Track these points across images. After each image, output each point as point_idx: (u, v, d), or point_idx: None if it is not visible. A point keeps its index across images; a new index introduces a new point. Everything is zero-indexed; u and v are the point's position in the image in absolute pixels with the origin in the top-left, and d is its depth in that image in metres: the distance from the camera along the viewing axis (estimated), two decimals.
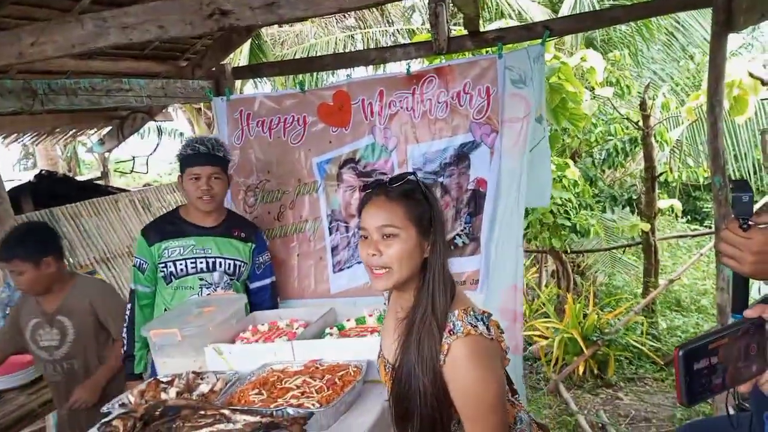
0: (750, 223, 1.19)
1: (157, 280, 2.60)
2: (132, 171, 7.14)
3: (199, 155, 2.48)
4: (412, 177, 1.42)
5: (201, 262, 2.56)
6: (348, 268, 3.02)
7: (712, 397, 0.86)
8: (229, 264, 2.61)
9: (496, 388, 1.33)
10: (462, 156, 2.80)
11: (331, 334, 2.27)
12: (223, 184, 2.55)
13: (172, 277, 2.56)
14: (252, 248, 2.68)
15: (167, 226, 2.59)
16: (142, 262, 2.57)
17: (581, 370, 4.59)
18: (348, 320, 2.37)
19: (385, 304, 1.58)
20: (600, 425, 3.88)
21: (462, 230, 2.78)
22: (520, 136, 2.67)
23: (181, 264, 2.55)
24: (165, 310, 2.56)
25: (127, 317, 2.59)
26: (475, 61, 2.76)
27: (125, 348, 2.57)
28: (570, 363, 4.61)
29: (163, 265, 2.55)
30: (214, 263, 2.58)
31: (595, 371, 4.64)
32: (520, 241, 2.70)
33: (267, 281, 2.76)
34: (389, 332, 1.50)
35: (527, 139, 2.65)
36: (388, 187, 1.41)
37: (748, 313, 0.87)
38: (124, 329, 2.58)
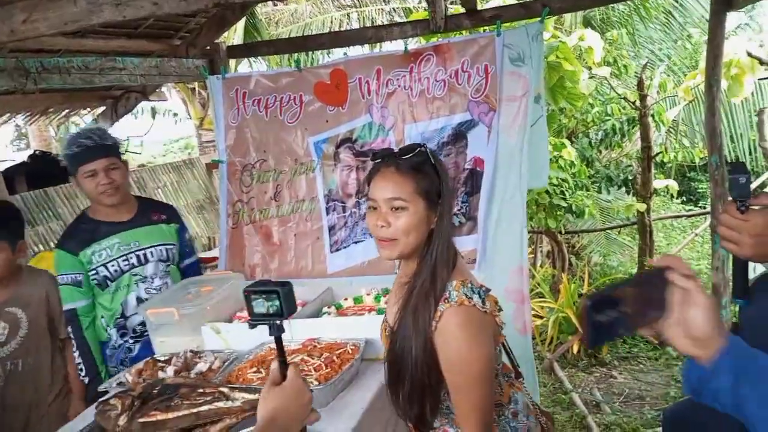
0: (748, 205, 1.18)
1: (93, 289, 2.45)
2: (126, 152, 7.08)
3: (89, 149, 2.33)
4: (422, 149, 1.42)
5: (132, 258, 2.47)
6: (345, 248, 3.02)
7: (614, 340, 0.92)
8: (161, 251, 2.55)
9: (484, 360, 1.35)
10: (459, 135, 2.78)
11: (328, 313, 2.28)
12: (122, 173, 2.43)
13: (108, 281, 2.44)
14: (177, 228, 2.64)
15: (84, 234, 2.44)
16: (75, 275, 2.39)
17: (575, 349, 4.63)
18: (345, 299, 2.38)
19: (395, 273, 1.61)
20: (594, 403, 3.93)
21: (459, 209, 2.77)
22: (518, 115, 2.65)
23: (113, 265, 2.44)
24: (102, 317, 2.47)
25: (74, 342, 2.41)
26: (474, 39, 2.73)
27: (84, 373, 2.41)
28: (564, 342, 4.65)
29: (94, 272, 2.41)
30: (145, 255, 2.50)
31: (589, 350, 4.67)
32: (524, 222, 2.69)
33: (195, 258, 2.77)
34: (393, 298, 1.53)
35: (526, 118, 2.63)
36: (398, 159, 1.41)
37: (653, 263, 0.91)
38: (77, 353, 2.41)
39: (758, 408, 0.86)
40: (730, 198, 1.23)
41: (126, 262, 2.46)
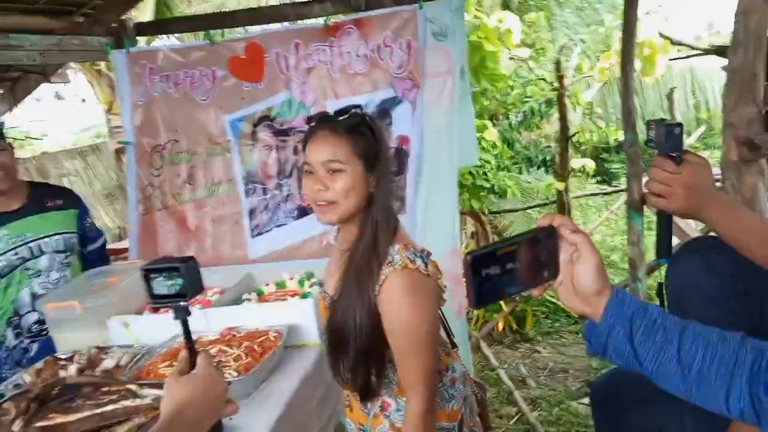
0: (682, 157, 1.18)
1: None
2: (26, 137, 6.61)
3: None
4: (357, 110, 1.40)
5: (23, 251, 2.25)
6: (267, 232, 2.88)
7: (503, 299, 0.91)
8: (58, 241, 2.34)
9: (428, 324, 1.35)
10: (383, 112, 2.70)
11: (249, 300, 2.16)
12: (9, 156, 2.22)
13: None
14: (76, 213, 2.44)
15: None
16: None
17: (501, 326, 4.70)
18: (267, 285, 2.27)
19: (334, 241, 1.55)
20: (520, 378, 3.99)
21: None
22: (443, 92, 2.59)
23: (1, 261, 2.21)
24: None
25: None
26: (396, 13, 2.64)
27: None
28: (490, 320, 4.71)
29: None
30: (39, 247, 2.29)
31: (514, 327, 4.76)
32: (456, 203, 2.64)
33: (101, 241, 2.60)
34: (333, 266, 1.50)
35: (453, 95, 2.58)
36: (333, 120, 1.38)
37: (540, 221, 0.89)
38: None
39: (653, 361, 0.86)
40: (657, 153, 1.22)
41: (16, 256, 2.24)
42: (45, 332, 2.27)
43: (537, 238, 0.86)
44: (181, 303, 1.06)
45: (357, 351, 1.37)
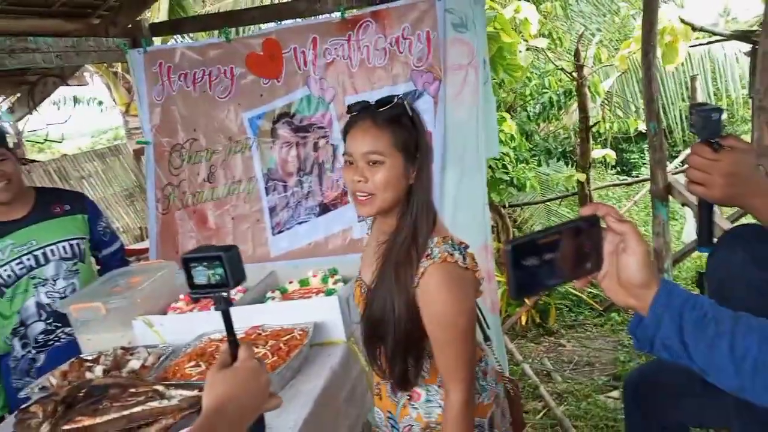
0: (721, 143, 1.13)
1: None
2: (46, 140, 6.68)
3: None
4: (399, 100, 1.37)
5: (28, 260, 2.23)
6: (288, 229, 2.87)
7: (545, 291, 0.87)
8: (65, 247, 2.30)
9: (467, 315, 1.34)
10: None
11: (273, 298, 2.14)
12: (12, 164, 2.20)
13: (3, 288, 2.20)
14: (86, 218, 2.40)
15: None
16: None
17: (524, 320, 4.65)
18: (291, 282, 2.24)
19: (367, 233, 1.57)
20: (545, 372, 3.95)
21: None
22: (465, 84, 2.55)
23: (6, 270, 2.19)
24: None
25: None
26: (414, 4, 2.60)
27: None
28: (513, 314, 4.66)
29: None
30: (44, 255, 2.26)
31: (537, 320, 4.71)
32: (485, 198, 2.60)
33: (117, 245, 2.55)
34: (369, 256, 1.48)
35: (477, 87, 2.54)
36: (374, 111, 1.36)
37: (583, 211, 0.85)
38: None
39: (704, 355, 0.83)
40: (698, 139, 1.17)
41: (21, 265, 2.21)
42: (51, 342, 2.27)
43: (580, 228, 0.83)
44: (223, 294, 1.02)
45: (395, 341, 1.36)
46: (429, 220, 1.38)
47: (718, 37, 5.49)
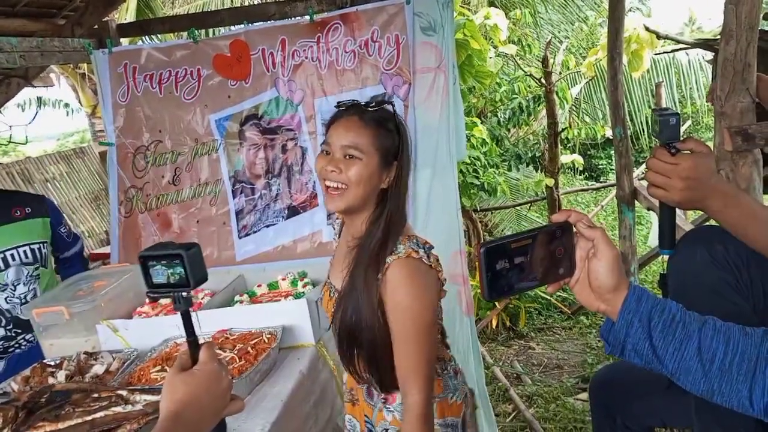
0: (678, 147, 1.15)
1: None
2: (9, 142, 6.50)
3: None
4: (388, 107, 1.42)
5: None
6: (255, 232, 2.83)
7: (517, 294, 0.90)
8: (25, 252, 2.26)
9: (428, 311, 1.34)
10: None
11: (241, 302, 2.11)
12: None
13: None
14: (48, 222, 2.36)
15: None
16: None
17: (494, 323, 4.69)
18: (259, 286, 2.22)
19: (335, 239, 1.60)
20: (515, 375, 3.98)
21: None
22: (434, 88, 2.56)
23: None
24: None
25: None
26: (383, 7, 2.61)
27: None
28: (483, 318, 4.69)
29: None
30: (4, 259, 2.21)
31: (508, 324, 4.75)
32: (458, 202, 2.60)
33: (77, 246, 2.51)
34: (339, 261, 1.49)
35: (446, 90, 2.55)
36: (363, 109, 1.39)
37: (555, 217, 0.88)
38: None
39: (673, 358, 0.84)
40: (658, 143, 1.19)
41: None
42: (12, 349, 2.21)
43: (552, 233, 0.85)
44: (183, 294, 0.98)
45: (373, 346, 1.36)
46: (400, 226, 1.39)
47: (682, 45, 5.64)
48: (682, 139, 1.17)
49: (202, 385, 0.96)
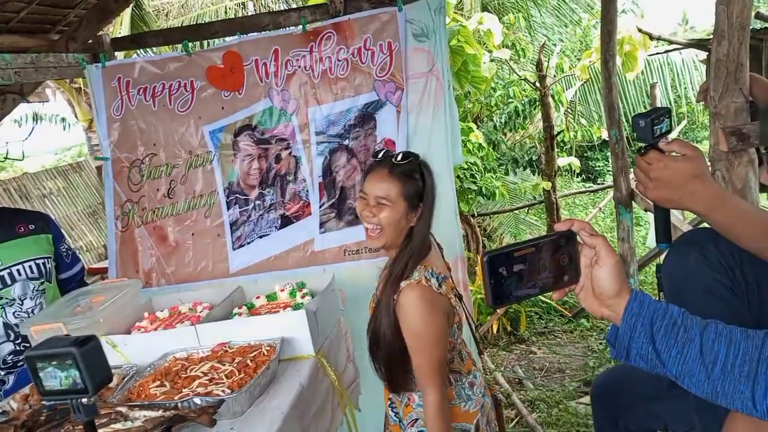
0: (647, 148, 1.20)
1: None
2: (6, 158, 6.50)
3: None
4: (415, 159, 1.68)
5: None
6: (249, 243, 2.81)
7: (520, 300, 0.95)
8: (31, 267, 2.26)
9: (437, 329, 1.59)
10: (367, 116, 2.66)
11: (240, 314, 2.10)
12: None
13: None
14: (51, 238, 2.36)
15: None
16: None
17: (495, 328, 4.67)
18: (258, 297, 2.21)
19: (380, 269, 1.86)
20: (517, 380, 3.96)
21: None
22: (426, 92, 2.57)
23: None
24: None
25: None
26: (375, 15, 2.61)
27: None
28: (484, 323, 4.68)
29: None
30: (10, 275, 2.20)
31: (508, 329, 4.74)
32: (456, 208, 2.60)
33: (78, 268, 2.49)
34: (383, 278, 1.77)
35: (439, 94, 2.55)
36: (392, 163, 1.66)
37: (558, 226, 0.90)
38: None
39: (676, 362, 0.85)
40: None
41: None
42: (21, 363, 2.20)
43: (556, 242, 0.87)
44: (82, 401, 0.83)
45: (387, 353, 1.64)
46: (421, 257, 1.65)
47: (676, 46, 5.65)
48: (669, 141, 1.20)
49: None
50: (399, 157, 1.67)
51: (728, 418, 1.15)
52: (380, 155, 1.71)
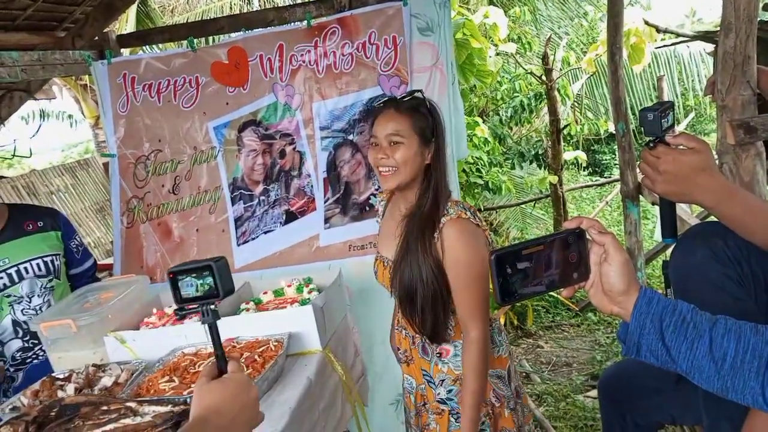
0: (656, 141, 1.19)
1: None
2: (14, 155, 6.54)
3: None
4: (418, 95, 1.66)
5: (2, 278, 2.17)
6: (253, 239, 2.82)
7: (529, 298, 0.96)
8: (38, 265, 2.26)
9: (480, 263, 1.56)
10: (371, 111, 2.66)
11: (247, 310, 2.11)
12: None
13: None
14: (60, 235, 2.36)
15: None
16: None
17: (502, 322, 4.67)
18: (265, 293, 2.22)
19: (378, 220, 1.86)
20: (524, 374, 3.96)
21: (377, 189, 2.66)
22: (430, 86, 2.56)
23: None
24: None
25: None
26: (380, 10, 2.61)
27: None
28: (491, 316, 4.67)
29: None
30: (18, 272, 2.21)
31: (515, 322, 4.74)
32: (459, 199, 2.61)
33: (89, 263, 2.50)
34: (388, 234, 1.74)
35: (443, 88, 2.55)
36: (397, 101, 1.63)
37: (567, 224, 0.91)
38: None
39: (686, 358, 0.86)
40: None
41: None
42: (29, 360, 2.22)
43: (565, 239, 0.88)
44: (211, 306, 1.02)
45: (424, 299, 1.59)
46: (446, 193, 1.62)
47: (683, 38, 5.61)
48: (675, 134, 1.20)
49: (231, 394, 0.98)
50: (403, 95, 1.66)
51: (749, 416, 1.15)
52: (381, 99, 1.68)
